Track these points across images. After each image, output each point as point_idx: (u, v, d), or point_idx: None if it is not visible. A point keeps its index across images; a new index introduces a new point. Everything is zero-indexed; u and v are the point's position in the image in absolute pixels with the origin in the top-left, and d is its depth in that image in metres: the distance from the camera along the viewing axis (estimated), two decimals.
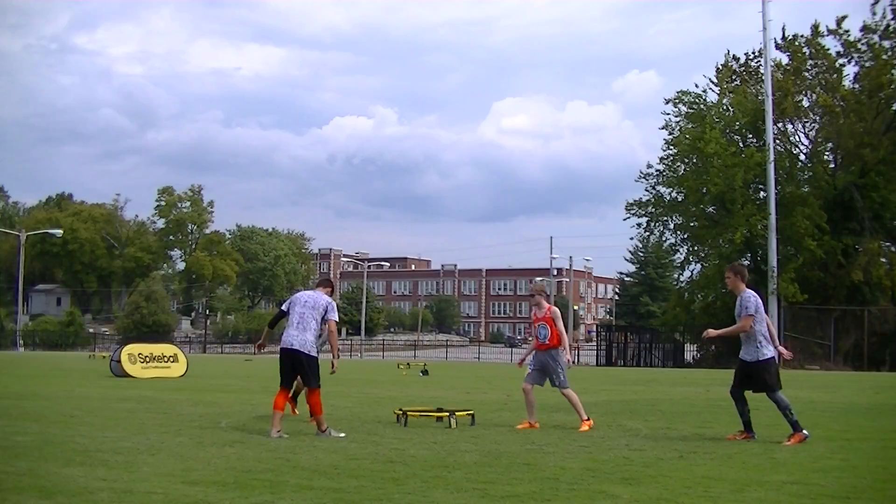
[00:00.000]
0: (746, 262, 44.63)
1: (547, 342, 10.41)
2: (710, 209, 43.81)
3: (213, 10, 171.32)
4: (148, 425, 10.43)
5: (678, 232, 45.95)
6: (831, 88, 42.45)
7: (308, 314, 9.55)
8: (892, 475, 7.31)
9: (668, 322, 49.90)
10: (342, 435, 9.37)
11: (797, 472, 7.12)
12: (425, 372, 27.68)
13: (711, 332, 10.05)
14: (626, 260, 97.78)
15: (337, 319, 9.74)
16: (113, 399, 14.66)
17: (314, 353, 9.55)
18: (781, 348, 9.92)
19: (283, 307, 9.92)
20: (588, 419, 10.43)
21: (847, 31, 41.76)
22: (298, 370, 9.63)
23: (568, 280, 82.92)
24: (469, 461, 7.67)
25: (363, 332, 74.66)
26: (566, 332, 10.77)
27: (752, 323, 9.22)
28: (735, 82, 44.95)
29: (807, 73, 43.21)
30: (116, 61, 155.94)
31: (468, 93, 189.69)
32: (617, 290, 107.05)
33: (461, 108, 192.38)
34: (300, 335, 9.48)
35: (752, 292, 9.42)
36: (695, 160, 43.11)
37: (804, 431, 9.07)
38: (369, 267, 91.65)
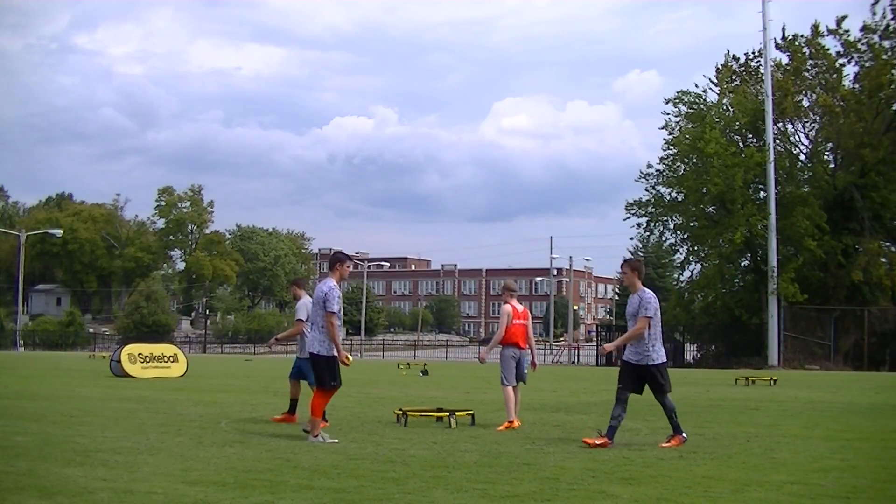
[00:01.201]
0: (746, 262, 44.76)
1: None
2: (710, 209, 43.79)
3: (213, 9, 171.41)
4: (148, 425, 10.43)
5: (678, 232, 45.94)
6: (831, 88, 42.45)
7: (315, 310, 9.27)
8: (892, 475, 7.32)
9: (668, 322, 49.76)
10: (335, 441, 8.97)
11: (797, 472, 7.12)
12: (425, 372, 27.68)
13: (608, 346, 9.95)
14: None
15: (334, 310, 9.01)
16: (113, 399, 14.67)
17: (323, 352, 9.01)
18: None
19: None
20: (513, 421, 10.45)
21: (847, 31, 41.81)
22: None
23: (568, 280, 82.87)
24: (469, 461, 7.67)
25: (363, 332, 74.69)
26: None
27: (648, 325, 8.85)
28: (735, 82, 44.94)
29: (807, 73, 43.21)
30: (117, 61, 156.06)
31: (468, 93, 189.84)
32: (617, 290, 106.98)
33: (461, 108, 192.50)
34: (310, 334, 9.35)
35: (651, 292, 9.06)
36: (695, 160, 43.10)
37: (684, 434, 8.91)
38: (369, 267, 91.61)
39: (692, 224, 44.69)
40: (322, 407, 9.18)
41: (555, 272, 77.75)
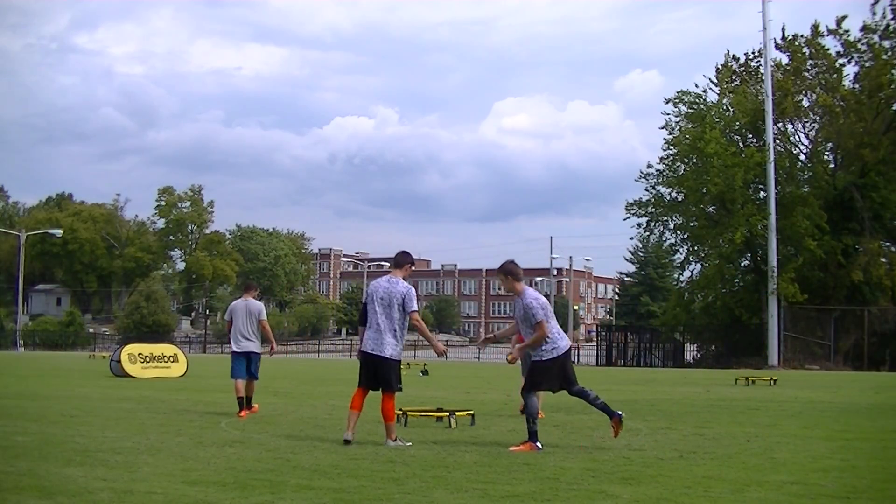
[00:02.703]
0: (746, 262, 44.76)
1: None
2: (710, 209, 43.80)
3: (213, 9, 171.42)
4: (148, 425, 10.43)
5: (678, 232, 45.94)
6: (831, 88, 42.45)
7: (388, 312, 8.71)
8: (892, 475, 7.32)
9: (668, 322, 49.89)
10: (409, 444, 8.67)
11: (797, 472, 7.12)
12: (425, 372, 27.68)
13: (512, 355, 9.41)
14: (626, 260, 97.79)
15: (416, 308, 8.85)
16: (113, 399, 14.67)
17: (397, 356, 8.79)
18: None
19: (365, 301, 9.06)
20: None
21: (847, 31, 41.82)
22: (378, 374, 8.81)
23: (568, 280, 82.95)
24: (469, 461, 7.67)
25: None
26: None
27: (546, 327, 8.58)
28: (735, 82, 44.94)
29: (807, 73, 43.21)
30: (117, 61, 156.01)
31: (469, 92, 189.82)
32: (617, 290, 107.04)
33: (462, 108, 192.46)
34: (378, 336, 8.69)
35: (533, 294, 8.82)
36: (695, 160, 43.10)
37: (539, 444, 8.46)
38: (369, 267, 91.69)
39: (692, 224, 44.70)
40: (392, 409, 8.81)
41: (555, 272, 77.80)
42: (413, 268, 9.27)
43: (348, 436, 8.63)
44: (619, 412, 8.72)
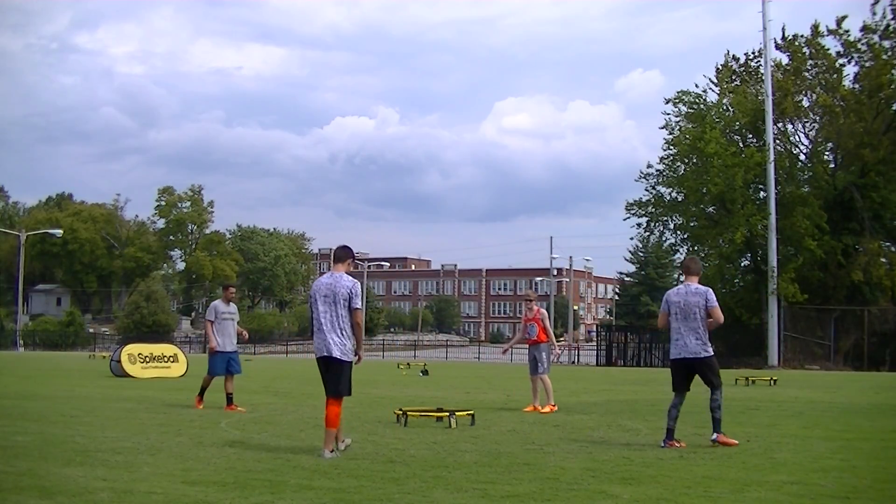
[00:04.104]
0: (746, 262, 44.74)
1: (535, 338, 13.01)
2: (710, 209, 43.79)
3: (214, 9, 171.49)
4: (148, 425, 10.44)
5: (678, 232, 45.94)
6: (831, 88, 42.44)
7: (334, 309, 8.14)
8: (892, 475, 7.32)
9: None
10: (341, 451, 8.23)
11: (797, 472, 7.12)
12: (425, 372, 27.67)
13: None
14: (626, 260, 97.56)
15: (360, 306, 8.30)
16: (113, 399, 14.67)
17: (348, 358, 8.18)
18: None
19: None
20: (554, 405, 12.78)
21: (847, 31, 41.78)
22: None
23: (568, 280, 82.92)
24: (469, 461, 7.67)
25: (363, 333, 74.63)
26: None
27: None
28: (735, 82, 44.94)
29: (807, 73, 43.19)
30: (117, 61, 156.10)
31: (469, 92, 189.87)
32: (617, 290, 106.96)
33: (462, 108, 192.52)
34: (323, 337, 8.13)
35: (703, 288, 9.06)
36: (695, 160, 43.09)
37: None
38: (369, 267, 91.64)
39: (692, 224, 44.69)
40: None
41: (555, 272, 77.77)
42: (355, 261, 8.74)
43: (325, 454, 7.90)
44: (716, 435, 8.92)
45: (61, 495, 5.90)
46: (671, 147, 44.10)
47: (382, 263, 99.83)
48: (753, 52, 44.17)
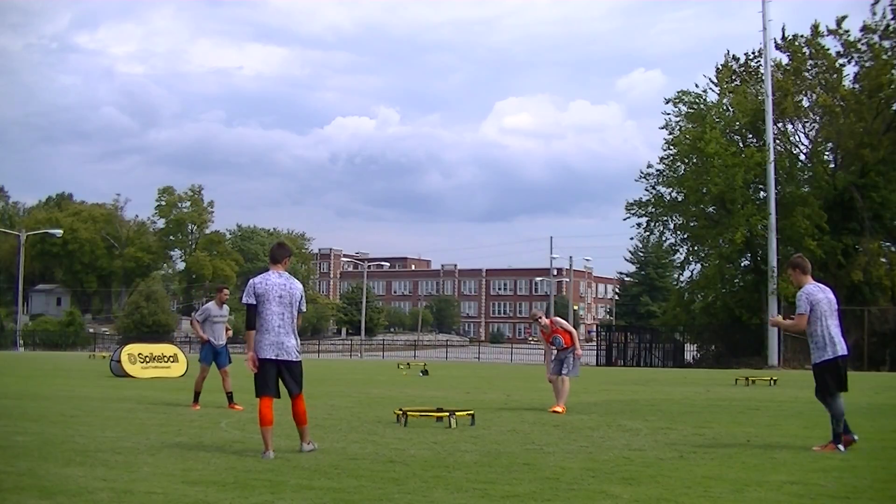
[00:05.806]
0: (746, 262, 44.73)
1: (564, 346, 13.16)
2: (710, 209, 43.81)
3: (214, 9, 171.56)
4: (148, 425, 10.44)
5: (678, 232, 45.97)
6: (831, 88, 42.44)
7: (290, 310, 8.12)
8: (892, 475, 7.31)
9: (668, 322, 49.89)
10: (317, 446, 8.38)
11: (797, 472, 7.12)
12: (425, 372, 27.67)
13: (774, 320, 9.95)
14: (626, 260, 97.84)
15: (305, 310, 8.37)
16: (113, 399, 14.67)
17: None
18: None
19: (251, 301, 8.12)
20: (564, 408, 12.73)
21: (847, 31, 41.81)
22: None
23: (568, 280, 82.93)
24: (469, 461, 7.67)
25: (363, 332, 74.74)
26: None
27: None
28: (735, 82, 44.96)
29: (807, 73, 43.21)
30: (118, 61, 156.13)
31: (470, 92, 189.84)
32: (617, 290, 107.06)
33: (463, 108, 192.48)
34: (278, 339, 8.11)
35: (807, 289, 9.12)
36: (695, 160, 43.12)
37: (840, 447, 8.48)
38: (369, 267, 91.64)
39: (692, 224, 44.72)
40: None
41: (555, 272, 77.79)
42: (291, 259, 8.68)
43: (270, 454, 7.83)
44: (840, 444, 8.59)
45: (61, 495, 5.90)
46: (671, 147, 44.13)
47: (382, 263, 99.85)
48: (753, 52, 44.25)
